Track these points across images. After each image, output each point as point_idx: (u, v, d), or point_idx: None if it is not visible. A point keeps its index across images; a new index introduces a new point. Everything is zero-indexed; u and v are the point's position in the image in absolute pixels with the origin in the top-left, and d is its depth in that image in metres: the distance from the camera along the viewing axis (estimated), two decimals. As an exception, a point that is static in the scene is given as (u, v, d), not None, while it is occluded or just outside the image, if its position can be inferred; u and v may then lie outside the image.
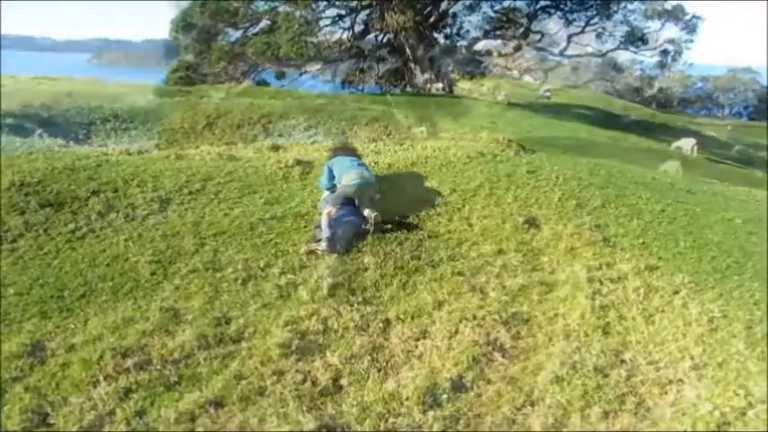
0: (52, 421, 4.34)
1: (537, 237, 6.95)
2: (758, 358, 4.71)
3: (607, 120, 32.49)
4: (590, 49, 33.88)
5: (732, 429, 4.06)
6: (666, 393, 4.47)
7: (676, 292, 5.70)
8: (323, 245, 6.72)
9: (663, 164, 23.83)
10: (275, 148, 10.65)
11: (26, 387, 4.64)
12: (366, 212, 7.05)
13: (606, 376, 4.71)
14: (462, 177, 8.04)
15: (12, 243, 6.52)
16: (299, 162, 8.34)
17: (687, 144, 24.63)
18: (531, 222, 7.16)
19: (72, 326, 5.40)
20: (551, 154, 9.91)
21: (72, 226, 6.82)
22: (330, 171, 7.50)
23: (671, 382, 4.59)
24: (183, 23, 30.55)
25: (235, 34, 32.73)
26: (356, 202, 7.19)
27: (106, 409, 4.44)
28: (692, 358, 4.79)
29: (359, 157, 8.10)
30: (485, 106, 23.33)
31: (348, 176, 7.23)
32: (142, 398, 4.58)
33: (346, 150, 8.16)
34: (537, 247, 6.79)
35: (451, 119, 13.76)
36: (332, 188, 7.44)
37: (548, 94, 43.83)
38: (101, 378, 4.72)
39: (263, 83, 33.36)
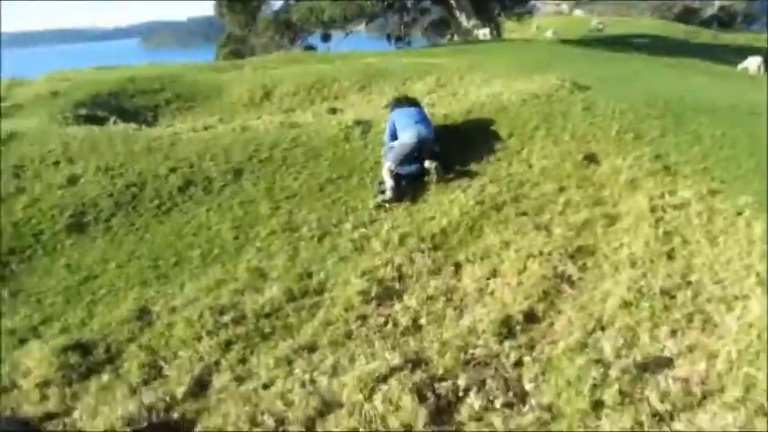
0: (167, 373, 4.88)
1: (597, 172, 7.09)
2: (824, 269, 4.81)
3: (665, 46, 31.35)
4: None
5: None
6: (733, 309, 4.64)
7: (739, 213, 5.77)
8: (388, 194, 7.07)
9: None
10: (332, 110, 11.00)
11: (140, 345, 5.20)
12: (427, 164, 7.31)
13: (673, 297, 4.91)
14: (518, 120, 8.17)
15: (106, 222, 7.12)
16: (358, 122, 8.62)
17: (753, 63, 23.60)
18: (591, 158, 7.29)
19: (170, 291, 5.96)
20: (606, 88, 9.86)
21: (157, 202, 7.38)
22: (393, 125, 7.71)
23: (737, 298, 4.75)
24: (227, -2, 30.88)
25: (278, 3, 32.96)
26: (416, 155, 7.45)
27: (211, 359, 4.95)
28: (756, 275, 4.91)
29: (420, 106, 8.23)
30: (535, 47, 22.91)
31: (406, 134, 7.46)
32: (242, 348, 5.08)
33: (406, 101, 8.26)
34: (598, 181, 6.94)
35: (503, 62, 13.71)
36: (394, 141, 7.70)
37: (600, 26, 42.47)
38: (203, 334, 5.24)
39: (311, 47, 33.57)
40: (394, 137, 7.62)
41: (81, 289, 6.10)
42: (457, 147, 7.84)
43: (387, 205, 7.05)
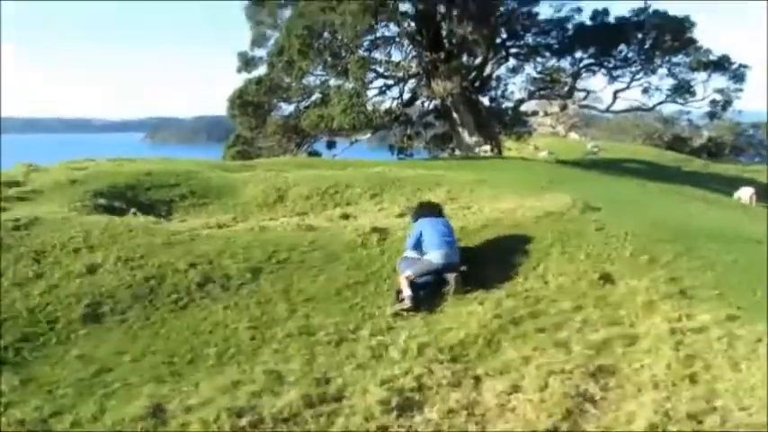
0: (182, 476, 4.73)
1: (613, 292, 7.19)
2: None
3: (658, 172, 32.42)
4: (636, 104, 34.06)
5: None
6: (762, 438, 4.62)
7: (759, 340, 5.84)
8: (407, 303, 7.10)
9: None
10: (345, 216, 11.21)
11: (154, 446, 5.06)
12: (449, 276, 7.41)
13: (700, 422, 4.87)
14: (533, 237, 8.36)
15: (122, 314, 7.09)
16: (374, 229, 8.80)
17: (746, 193, 24.39)
18: (606, 278, 7.41)
19: (185, 389, 5.84)
20: (614, 210, 10.16)
21: (174, 297, 7.38)
22: (419, 236, 7.76)
23: (764, 426, 4.73)
24: (240, 100, 32.09)
25: (288, 108, 34.26)
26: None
27: (230, 463, 4.81)
28: (783, 404, 4.92)
29: (445, 217, 8.32)
30: (536, 166, 23.68)
31: (434, 253, 7.54)
32: (260, 454, 4.95)
33: (432, 209, 8.34)
34: (614, 301, 7.02)
35: (509, 179, 14.15)
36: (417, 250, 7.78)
37: (595, 149, 44.02)
38: (220, 436, 5.11)
39: (316, 153, 34.59)
40: (417, 245, 7.73)
41: (94, 381, 5.98)
42: (473, 260, 7.97)
43: (404, 314, 7.08)
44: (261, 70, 33.02)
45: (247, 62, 33.47)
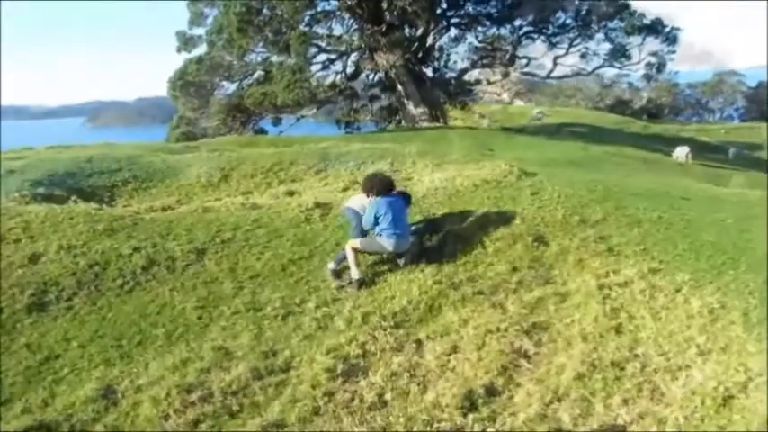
0: (134, 453, 4.87)
1: (546, 253, 7.54)
2: (756, 340, 5.26)
3: (600, 135, 33.28)
4: (576, 70, 34.78)
5: (736, 400, 4.60)
6: (677, 378, 5.02)
7: (678, 290, 6.27)
8: (355, 287, 7.25)
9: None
10: (290, 193, 11.32)
11: (105, 425, 5.17)
12: (399, 260, 7.64)
13: (623, 369, 5.25)
14: (472, 204, 8.65)
15: (68, 301, 7.10)
16: (317, 205, 8.95)
17: (681, 152, 25.36)
18: (540, 240, 7.76)
19: (135, 370, 5.95)
20: (550, 174, 10.53)
21: (120, 281, 7.42)
22: (375, 216, 7.67)
23: (680, 368, 5.14)
24: (181, 81, 31.52)
25: (230, 87, 33.84)
26: None
27: (180, 438, 4.97)
28: (697, 346, 5.34)
29: (396, 192, 8.16)
30: (480, 134, 24.06)
31: (387, 240, 7.56)
32: (210, 427, 5.11)
33: (385, 184, 8.07)
34: (548, 262, 7.38)
35: (452, 149, 14.44)
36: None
37: (540, 115, 44.82)
38: (170, 412, 5.25)
39: (262, 131, 34.31)
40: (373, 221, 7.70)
41: (42, 369, 6.02)
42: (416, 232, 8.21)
43: (350, 290, 7.23)
44: (201, 50, 32.45)
45: (186, 42, 32.83)
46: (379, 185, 8.03)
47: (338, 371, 5.71)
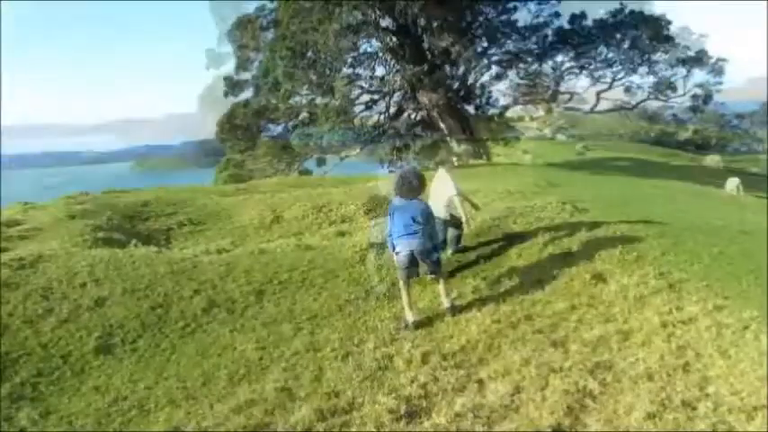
0: (206, 495, 4.93)
1: (605, 290, 7.45)
2: (834, 378, 5.09)
3: (647, 168, 32.84)
4: (620, 103, 34.55)
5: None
6: (753, 418, 4.85)
7: (746, 327, 6.09)
8: (411, 330, 7.27)
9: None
10: (341, 233, 11.46)
11: (175, 467, 5.27)
12: (427, 275, 7.66)
13: (695, 409, 5.11)
14: (525, 242, 8.63)
15: (132, 343, 7.31)
16: (371, 245, 9.05)
17: (731, 184, 24.83)
18: (598, 277, 7.67)
19: (201, 411, 6.06)
20: (602, 210, 10.44)
21: (182, 323, 7.61)
22: (390, 215, 7.46)
23: (755, 408, 4.97)
24: (228, 125, 32.44)
25: (276, 129, 34.64)
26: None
27: (249, 480, 5.02)
28: (772, 385, 5.17)
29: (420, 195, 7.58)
30: (526, 171, 24.00)
31: (399, 244, 7.34)
32: (278, 468, 5.17)
33: (410, 188, 7.41)
34: (607, 299, 7.28)
35: (500, 186, 14.43)
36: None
37: (583, 150, 44.51)
38: (239, 454, 5.33)
39: (306, 171, 34.93)
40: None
41: (111, 410, 6.20)
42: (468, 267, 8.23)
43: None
44: (247, 93, 33.44)
45: (233, 86, 33.84)
46: (400, 187, 7.43)
47: (401, 412, 5.70)
